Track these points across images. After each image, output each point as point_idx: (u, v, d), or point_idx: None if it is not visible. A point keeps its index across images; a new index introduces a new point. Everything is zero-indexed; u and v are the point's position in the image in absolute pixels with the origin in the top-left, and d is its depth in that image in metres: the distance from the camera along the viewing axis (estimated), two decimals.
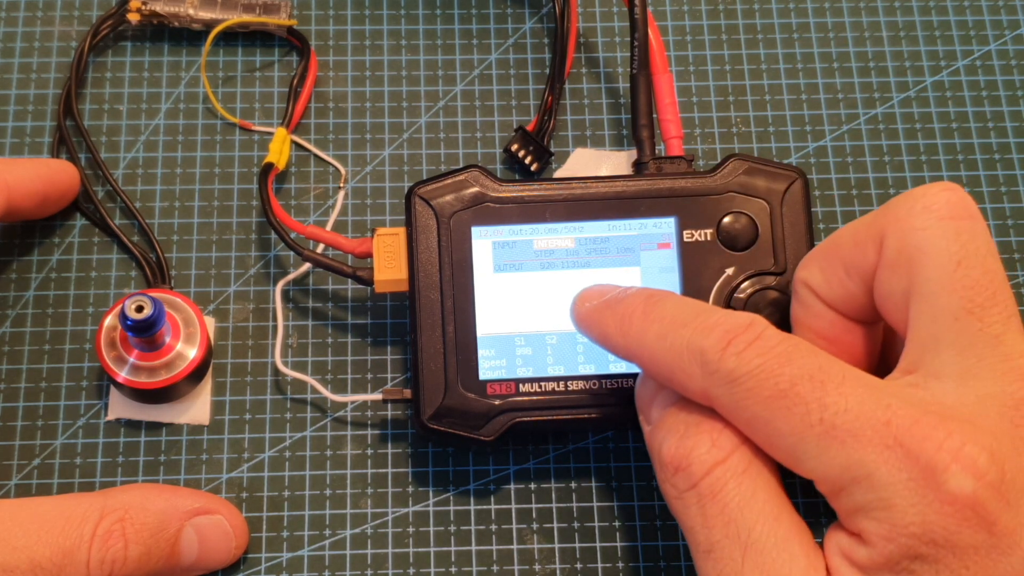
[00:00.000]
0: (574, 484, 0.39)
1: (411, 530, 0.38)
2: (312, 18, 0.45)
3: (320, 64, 0.44)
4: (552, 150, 0.43)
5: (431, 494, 0.39)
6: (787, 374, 0.28)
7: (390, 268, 0.37)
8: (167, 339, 0.38)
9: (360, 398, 0.39)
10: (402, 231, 0.38)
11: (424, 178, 0.39)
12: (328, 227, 0.41)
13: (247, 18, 0.43)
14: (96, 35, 0.44)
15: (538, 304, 0.37)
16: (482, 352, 0.36)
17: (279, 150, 0.41)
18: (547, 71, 0.45)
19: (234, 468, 0.39)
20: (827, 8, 0.46)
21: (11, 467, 0.39)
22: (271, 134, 0.43)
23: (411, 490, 0.39)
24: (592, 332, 0.33)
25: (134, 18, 0.43)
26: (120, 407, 0.39)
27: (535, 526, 0.38)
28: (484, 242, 0.37)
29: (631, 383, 0.36)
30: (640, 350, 0.32)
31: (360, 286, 0.40)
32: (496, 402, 0.36)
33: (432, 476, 0.39)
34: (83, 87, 0.44)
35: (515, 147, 0.42)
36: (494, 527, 0.38)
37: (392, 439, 0.39)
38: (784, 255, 0.37)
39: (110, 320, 0.38)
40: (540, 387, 0.36)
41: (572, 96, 0.44)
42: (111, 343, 0.38)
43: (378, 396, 0.38)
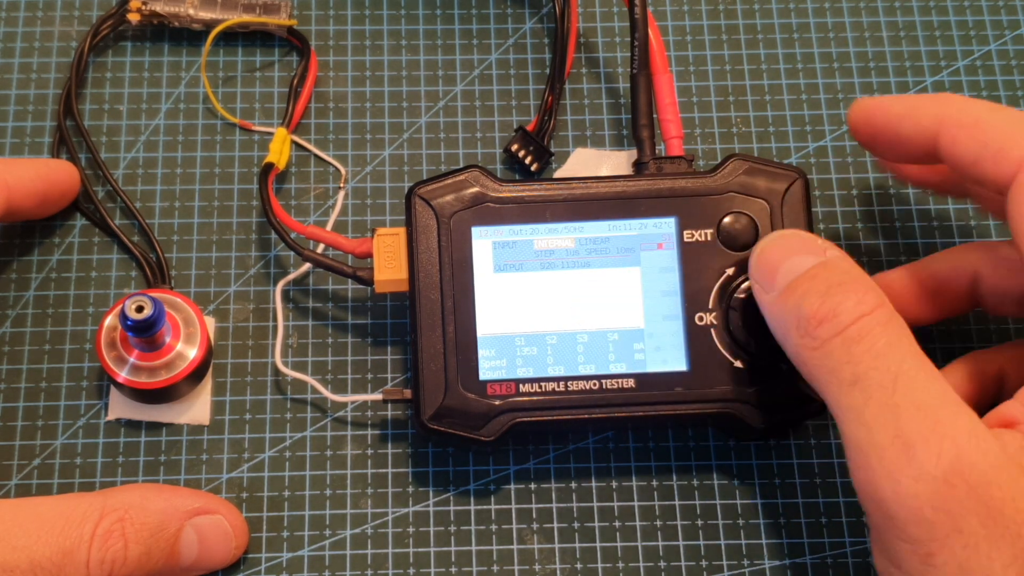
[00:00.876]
0: (574, 484, 0.39)
1: (411, 530, 0.38)
2: (312, 18, 0.45)
3: (320, 64, 0.44)
4: (552, 150, 0.43)
5: (431, 494, 0.39)
6: None
7: (390, 268, 0.37)
8: (167, 339, 0.38)
9: (360, 398, 0.39)
10: (402, 231, 0.38)
11: (424, 178, 0.39)
12: (328, 227, 0.41)
13: (247, 18, 0.43)
14: (96, 35, 0.44)
15: (538, 304, 0.37)
16: (482, 352, 0.36)
17: (279, 150, 0.41)
18: (547, 71, 0.45)
19: (234, 468, 0.39)
20: (827, 8, 0.46)
21: (11, 467, 0.39)
22: (271, 134, 0.43)
23: (411, 490, 0.39)
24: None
25: (134, 18, 0.43)
26: (120, 407, 0.39)
27: (535, 526, 0.38)
28: (484, 242, 0.37)
29: (631, 383, 0.36)
30: None
31: (360, 286, 0.40)
32: (496, 402, 0.36)
33: (432, 476, 0.39)
34: (83, 87, 0.44)
35: (515, 147, 0.42)
36: (494, 527, 0.38)
37: (392, 439, 0.39)
38: None
39: (110, 320, 0.38)
40: (540, 387, 0.36)
41: (572, 96, 0.44)
42: (111, 343, 0.38)
43: (378, 396, 0.38)
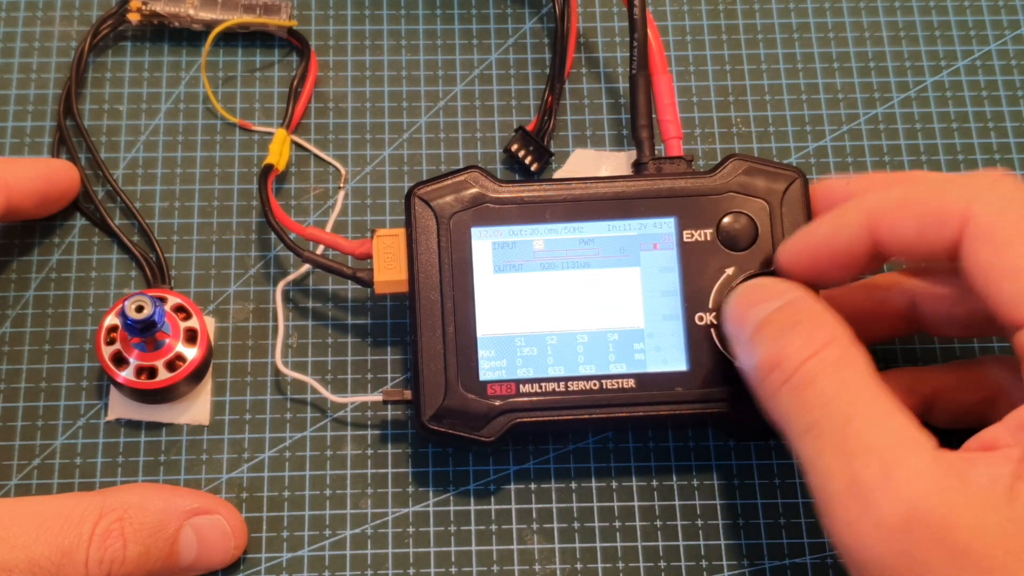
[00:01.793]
0: (574, 484, 0.39)
1: (411, 530, 0.38)
2: (312, 18, 0.45)
3: (320, 64, 0.44)
4: (552, 150, 0.43)
5: (431, 494, 0.39)
6: None
7: (390, 269, 0.37)
8: (167, 339, 0.38)
9: (360, 399, 0.39)
10: (402, 232, 0.38)
11: (424, 178, 0.39)
12: (328, 227, 0.41)
13: (247, 19, 0.43)
14: (96, 35, 0.44)
15: (538, 304, 0.37)
16: (482, 353, 0.36)
17: (279, 151, 0.41)
18: (547, 71, 0.45)
19: (234, 468, 0.39)
20: (827, 8, 0.46)
21: (11, 467, 0.39)
22: (271, 134, 0.43)
23: (411, 490, 0.39)
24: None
25: (134, 18, 0.43)
26: (120, 407, 0.39)
27: (535, 526, 0.38)
28: (484, 243, 0.37)
29: (631, 383, 0.36)
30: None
31: (360, 286, 0.40)
32: (496, 403, 0.36)
33: (432, 476, 0.39)
34: (83, 87, 0.44)
35: (515, 147, 0.42)
36: (494, 527, 0.38)
37: (392, 439, 0.39)
38: None
39: (110, 320, 0.38)
40: (540, 388, 0.36)
41: (572, 96, 0.44)
42: (111, 343, 0.38)
43: (378, 397, 0.38)
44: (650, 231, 0.37)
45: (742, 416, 0.36)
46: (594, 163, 0.43)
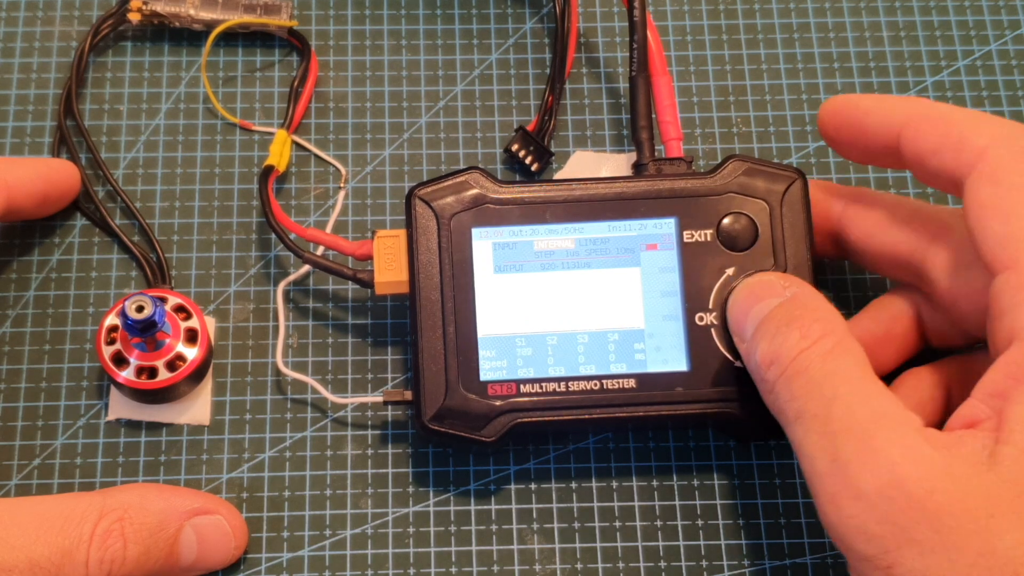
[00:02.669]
0: (574, 484, 0.39)
1: (411, 530, 0.38)
2: (312, 18, 0.45)
3: (320, 64, 0.44)
4: (552, 150, 0.43)
5: (431, 494, 0.39)
6: None
7: (390, 270, 0.37)
8: (167, 339, 0.38)
9: (360, 400, 0.39)
10: (402, 233, 0.38)
11: (424, 179, 0.39)
12: (328, 228, 0.41)
13: (248, 19, 0.43)
14: (96, 35, 0.44)
15: (539, 305, 0.37)
16: (483, 353, 0.36)
17: (279, 152, 0.41)
18: (547, 71, 0.45)
19: (234, 468, 0.39)
20: (827, 8, 0.46)
21: (11, 467, 0.39)
22: (271, 134, 0.43)
23: (411, 490, 0.39)
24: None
25: (135, 18, 0.43)
26: (120, 407, 0.39)
27: (535, 526, 0.38)
28: (484, 243, 0.37)
29: (632, 383, 0.36)
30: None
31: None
32: (497, 403, 0.36)
33: (432, 476, 0.39)
34: (83, 87, 0.44)
35: (515, 147, 0.42)
36: (494, 527, 0.38)
37: (392, 439, 0.39)
38: (784, 255, 0.37)
39: (110, 320, 0.38)
40: (541, 388, 0.36)
41: (572, 96, 0.44)
42: (111, 343, 0.38)
43: (379, 398, 0.38)
44: (650, 231, 0.37)
45: (742, 416, 0.36)
46: (594, 165, 0.43)
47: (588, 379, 0.36)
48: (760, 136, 0.44)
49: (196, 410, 0.39)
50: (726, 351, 0.36)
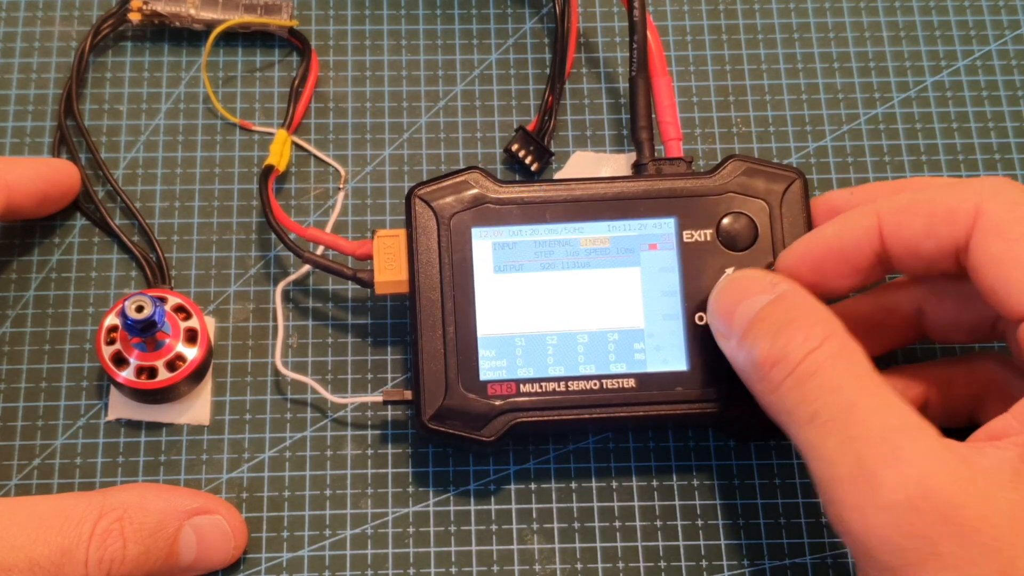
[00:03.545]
0: (574, 484, 0.39)
1: (411, 530, 0.38)
2: (312, 18, 0.45)
3: (320, 64, 0.44)
4: (552, 150, 0.43)
5: (431, 494, 0.39)
6: None
7: (390, 270, 0.37)
8: (167, 339, 0.38)
9: (360, 400, 0.39)
10: (402, 233, 0.38)
11: (424, 179, 0.39)
12: (328, 228, 0.41)
13: (249, 19, 0.43)
14: (96, 35, 0.44)
15: (538, 305, 0.37)
16: (483, 353, 0.36)
17: (279, 152, 0.41)
18: (547, 71, 0.45)
19: (234, 468, 0.39)
20: (827, 8, 0.46)
21: (11, 467, 0.39)
22: (271, 134, 0.43)
23: (411, 490, 0.39)
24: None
25: (135, 18, 0.43)
26: (120, 407, 0.39)
27: (535, 526, 0.38)
28: (484, 243, 0.37)
29: (632, 383, 0.36)
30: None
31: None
32: (497, 403, 0.36)
33: (432, 476, 0.39)
34: (83, 87, 0.44)
35: (515, 147, 0.42)
36: (494, 527, 0.38)
37: (392, 439, 0.39)
38: None
39: (110, 320, 0.38)
40: (541, 387, 0.36)
41: (572, 96, 0.44)
42: (111, 343, 0.38)
43: (378, 398, 0.38)
44: (650, 231, 0.37)
45: (742, 416, 0.36)
46: (593, 165, 0.43)
47: (588, 379, 0.36)
48: (760, 136, 0.44)
49: (196, 410, 0.39)
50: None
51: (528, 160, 0.42)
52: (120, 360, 0.38)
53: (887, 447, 0.28)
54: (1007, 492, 0.28)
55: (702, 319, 0.37)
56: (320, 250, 0.40)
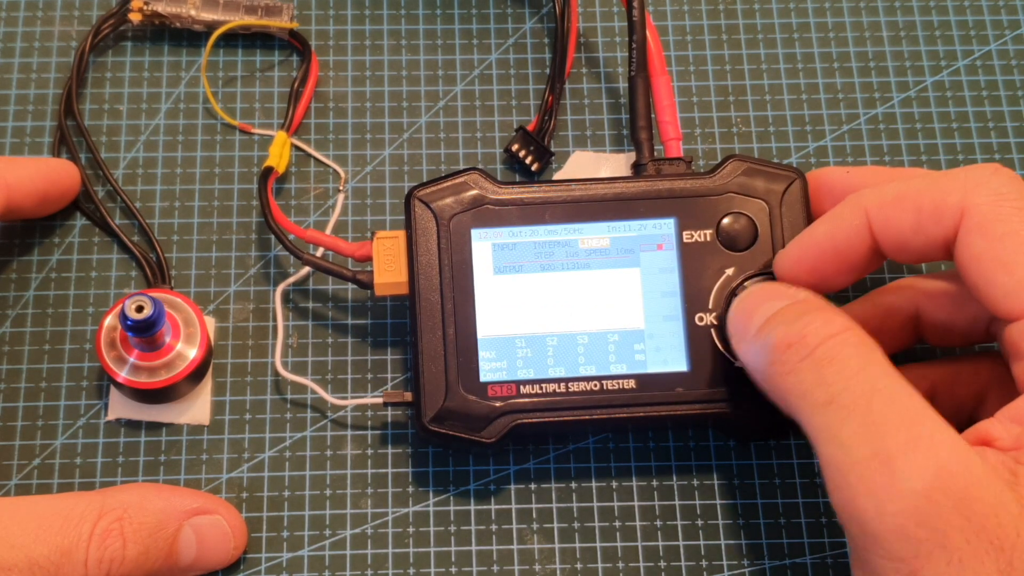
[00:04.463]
0: (574, 484, 0.39)
1: (411, 530, 0.38)
2: (312, 18, 0.45)
3: (320, 64, 0.44)
4: (552, 150, 0.43)
5: (431, 494, 0.39)
6: None
7: (390, 271, 0.37)
8: (167, 339, 0.38)
9: (360, 401, 0.39)
10: (401, 234, 0.38)
11: (424, 179, 0.39)
12: (328, 229, 0.41)
13: (249, 20, 0.43)
14: (97, 35, 0.44)
15: (538, 305, 0.37)
16: (483, 354, 0.36)
17: (279, 154, 0.41)
18: (547, 71, 0.45)
19: (234, 468, 0.39)
20: (827, 8, 0.46)
21: (11, 467, 0.39)
22: (271, 136, 0.43)
23: (411, 490, 0.39)
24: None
25: (136, 18, 0.43)
26: (120, 407, 0.39)
27: (535, 526, 0.38)
28: (484, 244, 0.37)
29: (632, 384, 0.36)
30: None
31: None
32: (497, 404, 0.36)
33: (432, 476, 0.39)
34: (83, 87, 0.44)
35: (515, 147, 0.42)
36: (494, 527, 0.38)
37: (392, 439, 0.39)
38: None
39: (110, 320, 0.38)
40: (541, 388, 0.36)
41: (572, 96, 0.44)
42: (111, 343, 0.38)
43: (379, 399, 0.38)
44: (650, 232, 0.37)
45: (743, 416, 0.36)
46: (593, 165, 0.43)
47: (588, 380, 0.36)
48: (760, 136, 0.44)
49: (196, 410, 0.39)
50: (726, 351, 0.36)
51: (528, 160, 0.42)
52: (120, 360, 0.38)
53: (907, 434, 0.28)
54: (1012, 489, 0.28)
55: (702, 320, 0.37)
56: (320, 251, 0.40)
